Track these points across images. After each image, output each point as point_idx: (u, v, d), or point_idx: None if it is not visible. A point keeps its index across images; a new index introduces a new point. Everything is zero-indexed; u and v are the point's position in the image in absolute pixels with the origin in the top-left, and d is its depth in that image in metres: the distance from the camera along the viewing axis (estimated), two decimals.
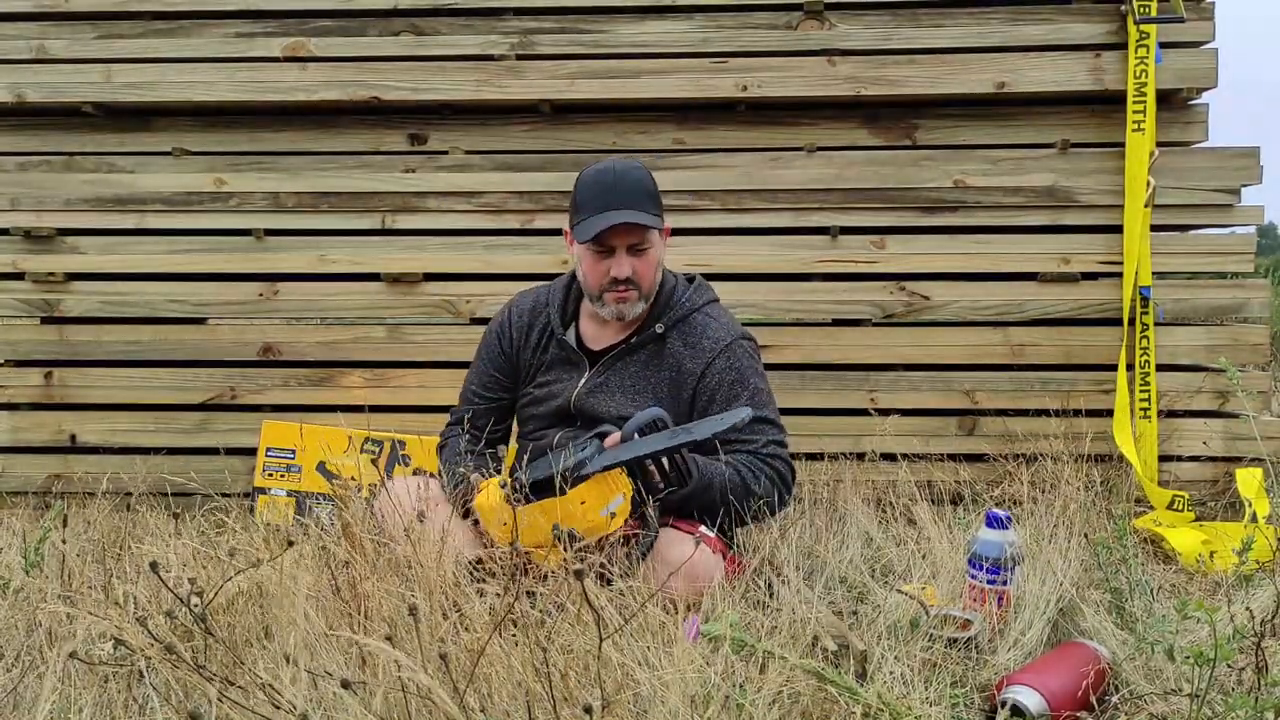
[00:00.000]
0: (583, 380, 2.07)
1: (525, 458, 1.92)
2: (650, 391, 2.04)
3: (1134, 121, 2.82)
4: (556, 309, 2.15)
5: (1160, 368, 2.88)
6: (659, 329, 2.06)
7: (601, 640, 1.18)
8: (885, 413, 2.90)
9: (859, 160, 2.95)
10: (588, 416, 2.03)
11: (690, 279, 2.19)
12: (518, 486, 1.67)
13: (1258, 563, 2.03)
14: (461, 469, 1.77)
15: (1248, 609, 1.49)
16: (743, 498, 1.93)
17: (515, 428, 2.24)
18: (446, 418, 2.29)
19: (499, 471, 1.86)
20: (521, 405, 2.17)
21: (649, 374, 2.05)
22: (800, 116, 2.97)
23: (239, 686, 1.24)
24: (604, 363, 2.07)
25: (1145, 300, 2.85)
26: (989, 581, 1.77)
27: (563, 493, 1.68)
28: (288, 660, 1.31)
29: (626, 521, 1.79)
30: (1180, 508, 2.65)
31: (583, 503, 1.72)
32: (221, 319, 3.07)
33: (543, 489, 1.72)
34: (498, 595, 1.47)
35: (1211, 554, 2.28)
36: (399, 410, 2.91)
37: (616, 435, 1.81)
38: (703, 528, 1.97)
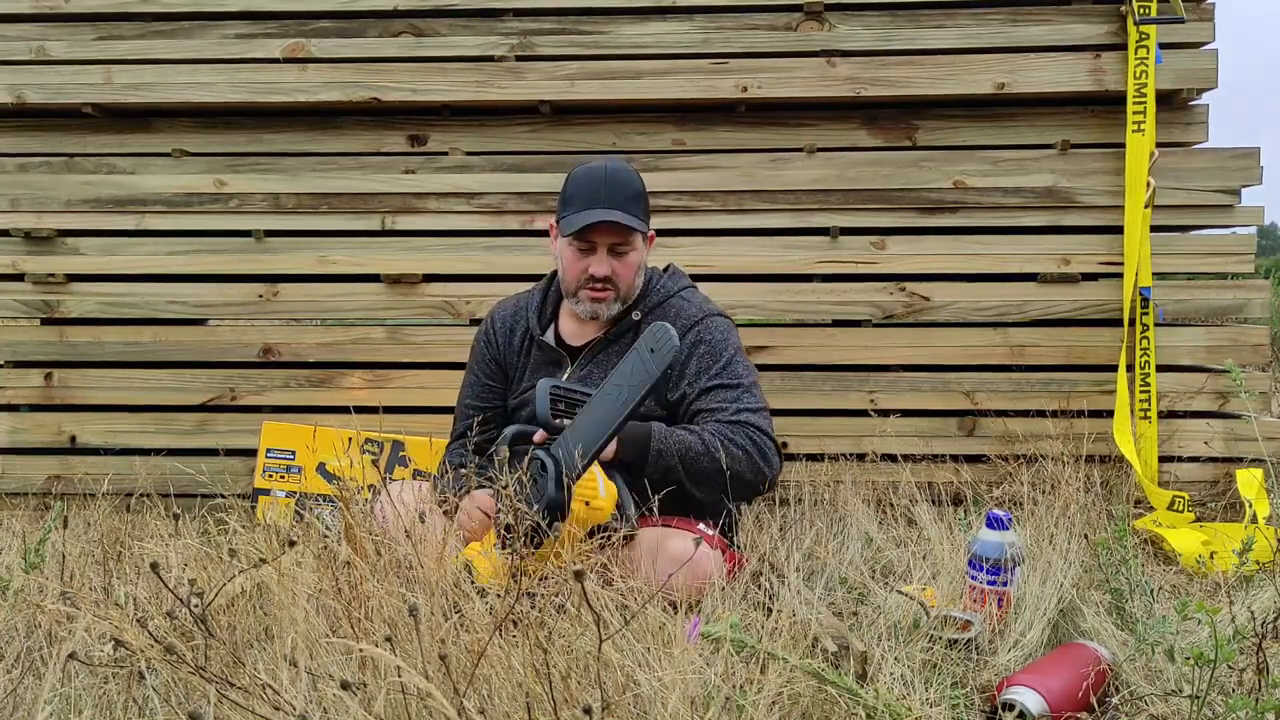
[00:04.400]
0: (565, 375, 2.08)
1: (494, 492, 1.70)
2: None
3: (1134, 122, 2.82)
4: (535, 311, 2.17)
5: (1160, 368, 2.88)
6: (635, 316, 2.07)
7: (601, 641, 1.18)
8: (885, 413, 2.90)
9: (859, 161, 2.95)
10: None
11: (666, 269, 2.20)
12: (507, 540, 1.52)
13: (1258, 563, 2.03)
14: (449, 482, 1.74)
15: (1248, 610, 1.49)
16: (706, 469, 1.85)
17: None
18: (446, 418, 2.29)
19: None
20: (512, 410, 2.17)
21: None
22: (800, 117, 2.97)
23: (239, 687, 1.23)
24: (585, 355, 2.08)
25: (1145, 301, 2.85)
26: (989, 582, 1.77)
27: (552, 532, 1.59)
28: (288, 661, 1.31)
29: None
30: (1180, 508, 2.65)
31: (571, 527, 1.66)
32: (222, 320, 3.08)
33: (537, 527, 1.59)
34: (498, 596, 1.47)
35: (1212, 555, 2.28)
36: (399, 411, 2.90)
37: (541, 433, 1.79)
38: (702, 525, 1.97)
